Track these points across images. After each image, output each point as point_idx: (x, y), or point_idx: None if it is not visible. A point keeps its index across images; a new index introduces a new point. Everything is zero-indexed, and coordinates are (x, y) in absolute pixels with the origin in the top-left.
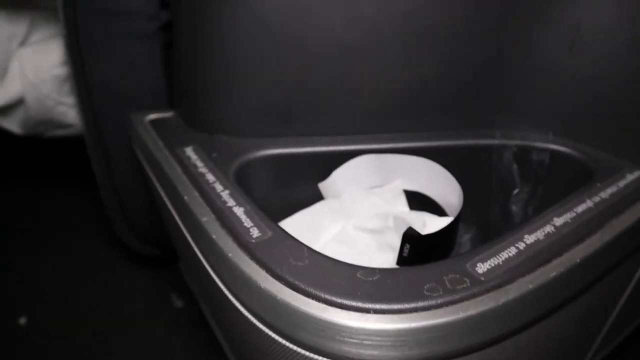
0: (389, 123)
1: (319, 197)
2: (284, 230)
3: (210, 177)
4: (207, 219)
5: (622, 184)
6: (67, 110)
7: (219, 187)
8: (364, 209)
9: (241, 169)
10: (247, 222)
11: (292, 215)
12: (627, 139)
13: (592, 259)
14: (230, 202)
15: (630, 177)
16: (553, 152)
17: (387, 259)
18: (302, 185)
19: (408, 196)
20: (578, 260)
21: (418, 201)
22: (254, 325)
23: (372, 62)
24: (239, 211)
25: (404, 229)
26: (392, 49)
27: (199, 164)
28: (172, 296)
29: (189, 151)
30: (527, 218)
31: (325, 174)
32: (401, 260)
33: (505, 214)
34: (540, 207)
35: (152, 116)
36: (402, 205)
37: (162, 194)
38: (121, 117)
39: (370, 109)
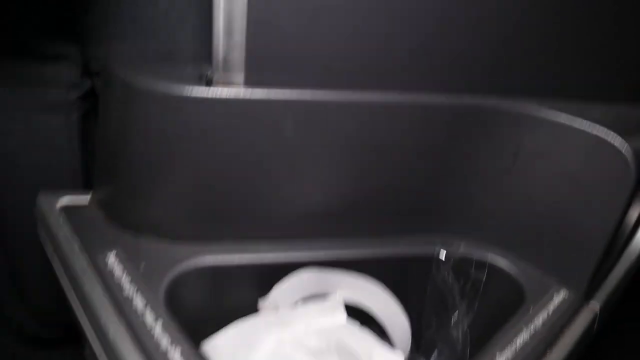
0: (329, 227)
1: (255, 306)
2: None
3: (139, 304)
4: None
5: (551, 307)
6: None
7: (150, 317)
8: (301, 321)
9: (174, 282)
10: None
11: (227, 329)
12: (553, 258)
13: None
14: (164, 342)
15: (556, 299)
16: (488, 266)
17: None
18: (237, 296)
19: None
20: None
21: (358, 312)
22: None
23: (313, 170)
24: (176, 354)
25: (347, 356)
26: (333, 159)
27: (125, 280)
28: None
29: (112, 259)
30: (461, 334)
31: (262, 283)
32: None
33: (441, 326)
34: (475, 321)
35: (65, 200)
36: (341, 316)
37: (80, 311)
38: (26, 193)
39: (308, 215)
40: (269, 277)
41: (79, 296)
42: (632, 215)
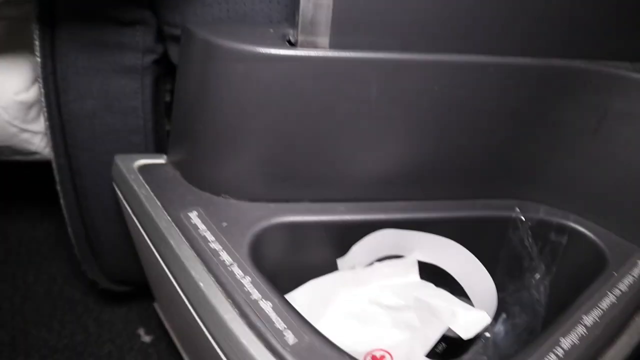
0: (407, 190)
1: (332, 264)
2: (321, 334)
3: (226, 258)
4: (231, 316)
5: (636, 272)
6: (32, 137)
7: (238, 271)
8: (376, 280)
9: (255, 240)
10: (279, 323)
11: (304, 284)
12: (636, 225)
13: None
14: (255, 294)
15: None
16: (569, 230)
17: (402, 337)
18: (315, 253)
19: (421, 266)
20: None
21: (431, 273)
22: None
23: (393, 131)
24: (267, 307)
25: (427, 312)
26: (414, 121)
27: (210, 237)
28: (140, 331)
29: (195, 217)
30: (542, 296)
31: (339, 242)
32: (433, 355)
33: (515, 289)
34: (552, 285)
35: (142, 162)
36: (414, 276)
37: (165, 268)
38: (100, 154)
39: (387, 177)
40: (346, 236)
41: (165, 252)
42: None
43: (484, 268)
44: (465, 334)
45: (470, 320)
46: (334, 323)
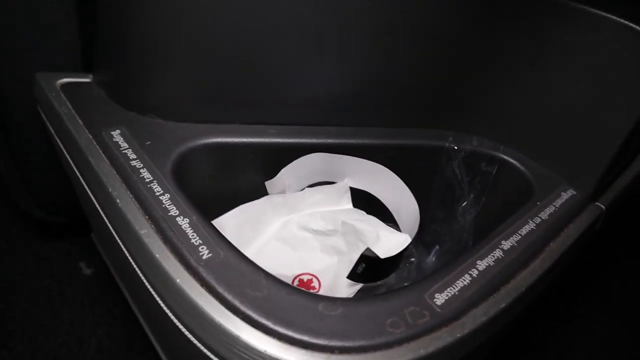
0: (339, 116)
1: (261, 189)
2: (237, 250)
3: (146, 175)
4: (147, 231)
5: (558, 203)
6: None
7: (157, 188)
8: (307, 207)
9: (180, 159)
10: (195, 238)
11: (234, 210)
12: (564, 159)
13: (534, 285)
14: (173, 211)
15: (564, 197)
16: (499, 161)
17: (330, 261)
18: (244, 177)
19: (354, 194)
20: (523, 289)
21: (364, 200)
22: (202, 352)
23: (326, 54)
24: (184, 223)
25: (353, 236)
26: (348, 43)
27: (131, 155)
28: (82, 265)
29: (117, 136)
30: (468, 224)
31: (270, 166)
32: (354, 276)
33: (445, 218)
34: (481, 214)
35: (65, 80)
36: (346, 203)
37: (85, 186)
38: (23, 75)
39: (319, 102)
40: (276, 159)
41: (85, 170)
42: None
43: (410, 191)
44: (384, 254)
45: (392, 241)
46: (263, 248)
